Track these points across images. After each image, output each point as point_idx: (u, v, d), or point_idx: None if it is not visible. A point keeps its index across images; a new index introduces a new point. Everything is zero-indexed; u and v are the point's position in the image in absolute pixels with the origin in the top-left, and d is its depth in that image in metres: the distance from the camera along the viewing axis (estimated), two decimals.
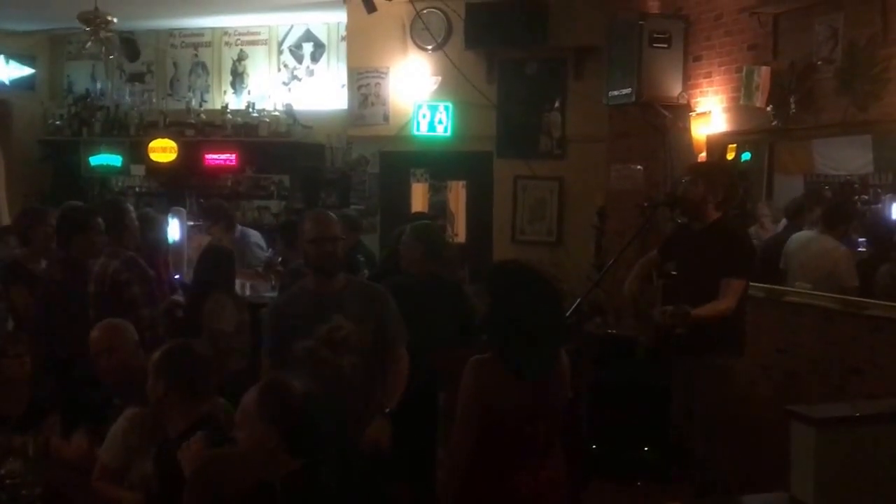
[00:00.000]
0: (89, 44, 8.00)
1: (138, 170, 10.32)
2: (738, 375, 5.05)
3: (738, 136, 6.25)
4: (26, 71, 10.61)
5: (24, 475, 3.77)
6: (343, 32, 9.50)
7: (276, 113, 9.79)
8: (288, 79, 10.13)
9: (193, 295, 6.15)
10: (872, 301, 5.06)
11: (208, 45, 10.56)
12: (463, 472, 3.45)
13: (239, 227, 7.81)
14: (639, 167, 7.16)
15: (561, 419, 3.64)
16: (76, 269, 5.37)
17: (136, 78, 10.82)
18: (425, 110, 8.63)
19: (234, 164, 9.88)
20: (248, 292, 6.99)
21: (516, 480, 3.45)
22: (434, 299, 5.09)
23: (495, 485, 3.45)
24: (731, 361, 4.94)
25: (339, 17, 9.30)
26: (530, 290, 3.49)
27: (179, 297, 6.41)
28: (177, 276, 7.14)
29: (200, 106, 10.27)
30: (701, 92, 6.54)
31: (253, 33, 10.32)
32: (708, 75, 6.47)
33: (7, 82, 10.43)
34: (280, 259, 7.16)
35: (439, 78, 8.58)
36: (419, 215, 7.47)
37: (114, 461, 3.77)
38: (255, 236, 7.88)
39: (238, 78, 10.40)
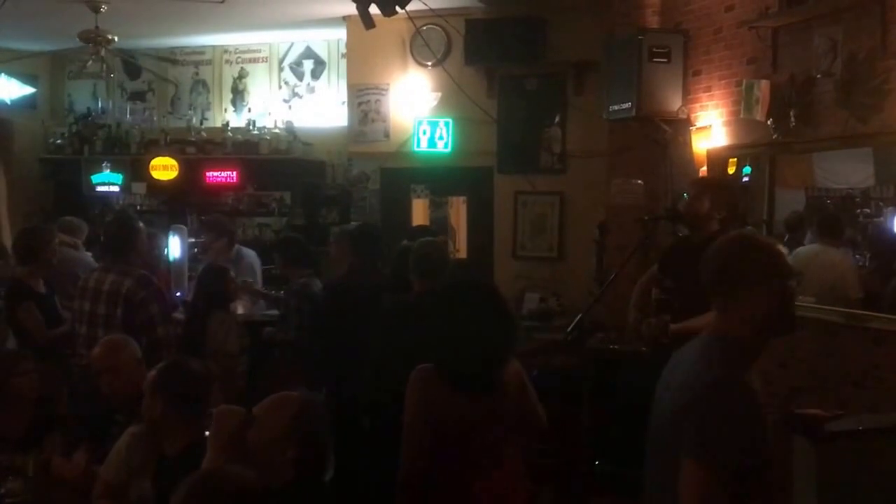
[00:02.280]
0: (90, 62, 8.02)
1: (139, 188, 10.33)
2: None
3: (739, 150, 6.25)
4: (28, 90, 10.64)
5: (24, 494, 3.75)
6: (343, 49, 9.52)
7: (277, 130, 9.80)
8: (288, 96, 10.14)
9: (195, 314, 6.14)
10: (875, 314, 5.04)
11: (209, 63, 10.58)
12: (413, 486, 3.50)
13: (236, 246, 7.75)
14: (639, 181, 7.16)
15: (516, 430, 3.70)
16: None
17: (137, 96, 10.85)
18: (425, 126, 8.63)
19: (234, 181, 9.88)
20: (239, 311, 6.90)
21: (464, 493, 3.50)
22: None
23: (443, 497, 3.50)
24: None
25: (340, 34, 9.33)
26: (471, 307, 3.63)
27: (179, 315, 6.40)
28: (178, 294, 7.14)
29: (201, 124, 10.28)
30: (701, 106, 6.55)
31: (253, 51, 10.34)
32: (708, 89, 6.48)
33: (9, 101, 10.46)
34: (279, 273, 7.14)
35: (439, 94, 8.59)
36: (421, 229, 7.44)
37: (115, 478, 3.75)
38: (252, 256, 7.80)
39: (238, 95, 10.42)
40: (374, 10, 6.49)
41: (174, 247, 7.44)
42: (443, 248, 5.56)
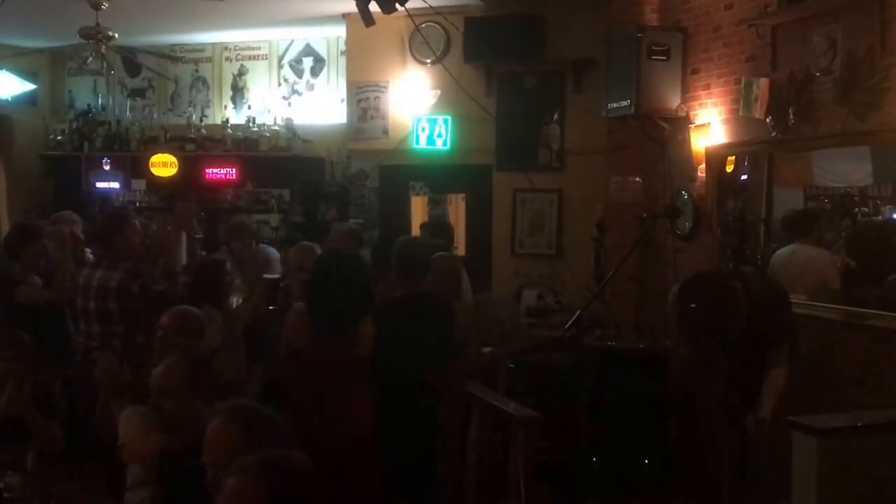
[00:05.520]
0: (90, 59, 8.02)
1: (139, 184, 10.35)
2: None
3: (738, 148, 6.26)
4: (28, 86, 10.65)
5: (23, 489, 3.75)
6: (343, 47, 9.53)
7: (276, 127, 9.81)
8: (288, 93, 10.15)
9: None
10: (873, 312, 5.04)
11: (209, 60, 10.59)
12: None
13: (254, 243, 7.68)
14: (638, 179, 7.16)
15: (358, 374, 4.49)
16: None
17: (138, 93, 10.87)
18: (424, 124, 8.63)
19: (234, 178, 9.89)
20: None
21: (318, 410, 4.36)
22: (418, 320, 5.06)
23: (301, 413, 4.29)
24: (792, 363, 4.90)
25: (339, 31, 9.33)
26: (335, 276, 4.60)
27: None
28: None
29: (201, 121, 10.29)
30: (700, 104, 6.56)
31: (253, 48, 10.35)
32: (707, 87, 6.49)
33: (9, 98, 10.47)
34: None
35: (438, 91, 8.59)
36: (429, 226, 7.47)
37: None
38: (273, 254, 7.72)
39: (238, 93, 10.43)
40: (373, 7, 6.49)
41: None
42: (425, 246, 5.56)
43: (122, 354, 5.17)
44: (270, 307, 5.80)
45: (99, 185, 10.40)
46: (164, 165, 9.88)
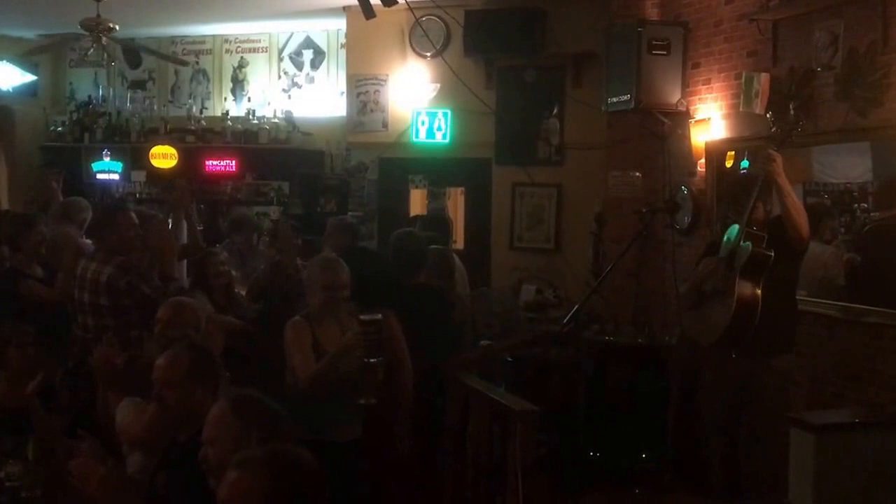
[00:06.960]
0: (91, 51, 8.02)
1: (139, 176, 10.35)
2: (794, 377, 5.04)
3: (737, 143, 6.26)
4: (29, 77, 10.64)
5: (24, 477, 3.76)
6: (343, 40, 9.52)
7: (276, 120, 9.81)
8: (288, 86, 10.15)
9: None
10: (872, 308, 5.05)
11: (209, 52, 10.58)
12: None
13: (255, 237, 7.65)
14: (637, 174, 7.17)
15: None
16: None
17: (138, 85, 10.85)
18: (424, 117, 8.64)
19: (233, 170, 9.90)
20: None
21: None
22: (418, 312, 5.07)
23: None
24: (787, 362, 4.91)
25: (339, 24, 9.33)
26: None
27: None
28: None
29: (201, 113, 10.29)
30: (700, 98, 6.56)
31: (253, 41, 10.35)
32: (707, 82, 6.49)
33: (10, 89, 10.47)
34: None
35: (438, 85, 8.59)
36: (419, 218, 7.46)
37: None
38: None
39: (238, 85, 10.43)
40: (374, 0, 6.51)
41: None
42: (422, 239, 5.56)
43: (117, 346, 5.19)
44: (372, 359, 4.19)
45: (99, 176, 10.41)
46: (164, 157, 9.89)
